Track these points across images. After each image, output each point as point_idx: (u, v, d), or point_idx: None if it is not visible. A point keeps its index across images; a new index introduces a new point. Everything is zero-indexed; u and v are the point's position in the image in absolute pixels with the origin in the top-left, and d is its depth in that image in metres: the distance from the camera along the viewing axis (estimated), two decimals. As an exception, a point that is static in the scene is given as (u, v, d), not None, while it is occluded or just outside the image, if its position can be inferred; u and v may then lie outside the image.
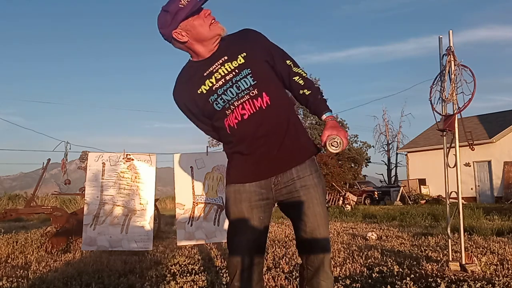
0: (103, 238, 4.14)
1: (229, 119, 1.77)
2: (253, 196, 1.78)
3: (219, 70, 1.77)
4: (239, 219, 1.78)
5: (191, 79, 1.83)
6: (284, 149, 1.78)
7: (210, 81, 1.78)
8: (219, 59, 1.79)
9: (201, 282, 3.27)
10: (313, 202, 1.79)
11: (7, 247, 5.01)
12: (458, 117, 3.67)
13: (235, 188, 1.81)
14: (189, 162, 4.24)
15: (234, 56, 1.78)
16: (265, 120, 1.76)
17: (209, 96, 1.77)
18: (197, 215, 4.16)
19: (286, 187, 1.80)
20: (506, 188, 20.35)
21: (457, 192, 3.64)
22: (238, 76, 1.75)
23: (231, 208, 1.81)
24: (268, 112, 1.76)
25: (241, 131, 1.76)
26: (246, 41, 1.83)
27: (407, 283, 2.99)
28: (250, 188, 1.78)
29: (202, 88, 1.78)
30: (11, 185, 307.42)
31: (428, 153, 22.98)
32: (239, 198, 1.79)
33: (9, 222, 9.44)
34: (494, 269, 3.53)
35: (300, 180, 1.80)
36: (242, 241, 1.77)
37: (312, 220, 1.78)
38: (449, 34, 3.72)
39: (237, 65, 1.77)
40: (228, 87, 1.75)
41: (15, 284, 3.30)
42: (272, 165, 1.78)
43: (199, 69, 1.81)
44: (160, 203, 14.60)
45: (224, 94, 1.76)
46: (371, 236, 5.86)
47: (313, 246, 1.79)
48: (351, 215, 11.36)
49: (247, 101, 1.75)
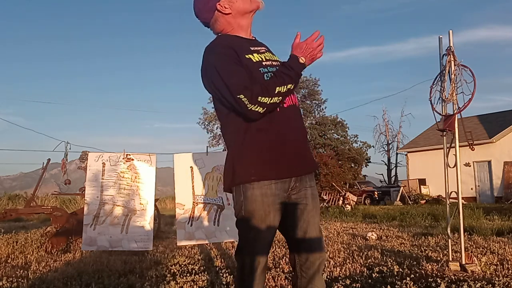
0: (103, 238, 4.14)
1: None
2: (276, 199, 1.72)
3: (265, 53, 1.78)
4: (264, 222, 1.71)
5: (238, 43, 1.75)
6: (302, 156, 1.80)
7: (259, 56, 1.74)
8: (262, 46, 1.81)
9: (201, 282, 3.27)
10: (316, 212, 1.83)
11: (7, 247, 5.01)
12: (458, 117, 3.67)
13: (261, 192, 1.69)
14: (189, 162, 4.24)
15: (272, 52, 1.84)
16: (297, 116, 1.81)
17: (259, 66, 1.71)
18: (197, 215, 4.16)
19: (297, 193, 1.78)
20: (506, 188, 20.35)
21: (457, 192, 3.64)
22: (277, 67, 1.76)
23: (258, 212, 1.70)
24: (299, 109, 1.84)
25: (284, 117, 1.72)
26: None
27: (407, 283, 2.99)
28: (276, 191, 1.71)
29: (250, 56, 1.71)
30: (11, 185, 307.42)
31: (428, 153, 22.98)
32: (267, 202, 1.69)
33: (9, 222, 9.44)
34: (494, 269, 3.53)
35: (311, 188, 1.83)
36: (264, 246, 1.75)
37: (313, 229, 1.79)
38: (449, 34, 3.72)
39: (276, 60, 1.80)
40: (273, 71, 1.72)
41: (15, 284, 3.30)
42: (301, 162, 1.78)
43: (244, 42, 1.78)
44: (160, 203, 14.61)
45: (271, 74, 1.71)
46: (371, 236, 5.86)
47: (311, 254, 1.78)
48: (351, 215, 11.36)
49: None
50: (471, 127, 17.03)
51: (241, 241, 1.79)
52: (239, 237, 1.80)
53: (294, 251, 1.84)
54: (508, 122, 22.02)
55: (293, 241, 1.84)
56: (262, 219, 1.70)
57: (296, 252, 1.83)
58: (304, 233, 1.79)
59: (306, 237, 1.79)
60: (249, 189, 1.70)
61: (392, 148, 33.61)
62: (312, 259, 1.78)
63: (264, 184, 1.70)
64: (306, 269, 1.80)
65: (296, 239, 1.83)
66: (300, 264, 1.81)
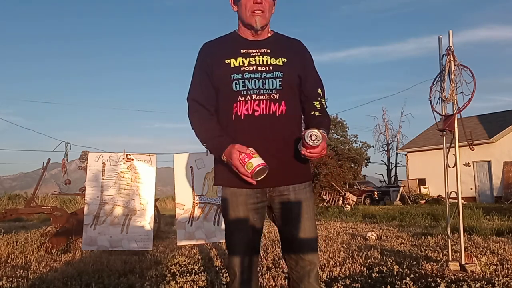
0: (104, 238, 4.14)
1: (239, 106, 1.73)
2: (249, 199, 1.76)
3: (256, 57, 1.78)
4: (236, 221, 1.77)
5: (227, 46, 1.83)
6: (283, 164, 1.76)
7: (242, 60, 1.77)
8: (261, 48, 1.81)
9: (201, 282, 3.27)
10: (304, 216, 1.79)
11: (7, 247, 5.01)
12: (457, 117, 3.67)
13: (231, 191, 1.78)
14: (189, 162, 4.24)
15: (276, 54, 1.80)
16: (276, 127, 1.74)
17: (233, 72, 1.75)
18: (197, 215, 4.16)
19: (280, 196, 1.79)
20: (506, 188, 20.35)
21: (457, 192, 3.64)
22: (270, 74, 1.76)
23: (228, 210, 1.79)
24: (280, 120, 1.74)
25: (246, 126, 1.73)
26: (293, 50, 1.87)
27: (407, 283, 2.99)
28: (247, 192, 1.76)
29: (232, 61, 1.77)
30: (11, 185, 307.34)
31: (428, 153, 22.98)
32: (235, 201, 1.77)
33: (9, 222, 9.43)
34: (494, 269, 3.53)
35: (295, 192, 1.79)
36: (240, 243, 1.77)
37: (300, 233, 1.77)
38: (449, 34, 3.72)
39: (274, 64, 1.78)
40: (255, 77, 1.75)
41: (15, 284, 3.30)
42: (270, 178, 1.71)
43: (238, 43, 1.82)
44: (160, 203, 14.60)
45: (248, 80, 1.74)
46: (371, 236, 5.87)
47: (300, 259, 1.77)
48: (351, 215, 11.37)
49: (265, 101, 1.74)
50: (471, 127, 17.02)
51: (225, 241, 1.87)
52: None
53: (284, 252, 1.86)
54: (508, 122, 22.02)
55: (282, 243, 1.86)
56: (233, 218, 1.78)
57: (286, 254, 1.84)
58: (292, 237, 1.79)
59: (295, 242, 1.79)
60: (223, 189, 1.83)
61: (391, 148, 33.62)
62: (302, 264, 1.77)
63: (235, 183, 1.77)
64: (296, 272, 1.80)
65: (284, 241, 1.84)
66: (290, 267, 1.83)
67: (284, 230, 1.81)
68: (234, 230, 1.79)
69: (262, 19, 1.78)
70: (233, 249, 1.80)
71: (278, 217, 1.82)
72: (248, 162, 1.62)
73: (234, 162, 1.65)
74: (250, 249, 1.79)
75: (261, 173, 1.64)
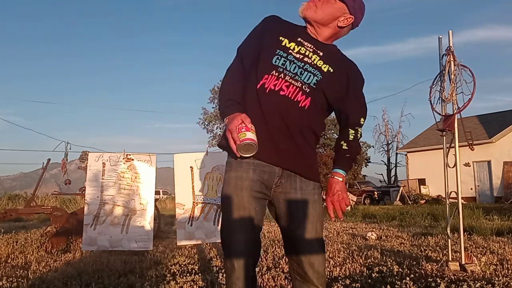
0: (104, 238, 4.15)
1: (269, 78, 1.73)
2: (254, 186, 1.69)
3: (307, 50, 1.78)
4: (238, 208, 1.67)
5: (289, 28, 1.85)
6: (294, 152, 1.74)
7: (293, 45, 1.78)
8: (315, 47, 1.80)
9: (201, 282, 3.27)
10: (309, 218, 1.74)
11: (7, 247, 5.01)
12: (457, 117, 3.67)
13: (237, 174, 1.71)
14: (189, 162, 4.24)
15: (326, 61, 1.79)
16: (293, 115, 1.72)
17: (281, 49, 1.77)
18: (197, 215, 4.17)
19: (285, 193, 1.75)
20: (506, 188, 20.36)
21: (457, 192, 3.64)
22: (311, 68, 1.75)
23: (231, 195, 1.69)
24: (300, 110, 1.73)
25: (266, 99, 1.72)
26: (344, 68, 1.84)
27: (407, 283, 2.99)
28: (253, 177, 1.70)
29: (285, 40, 1.79)
30: (11, 185, 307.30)
31: (428, 153, 22.99)
32: (240, 185, 1.69)
33: (9, 222, 9.43)
34: (494, 269, 3.53)
35: (302, 192, 1.76)
36: (241, 239, 1.66)
37: (304, 235, 1.73)
38: (449, 34, 3.72)
39: (320, 66, 1.77)
40: (297, 63, 1.74)
41: (15, 284, 3.30)
42: (284, 156, 1.72)
43: (300, 33, 1.83)
44: (160, 203, 14.61)
45: (289, 62, 1.74)
46: (371, 236, 5.87)
47: (301, 260, 1.73)
48: (351, 215, 11.36)
49: (295, 87, 1.72)
50: (471, 127, 17.02)
51: (220, 230, 1.76)
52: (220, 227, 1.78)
53: (286, 252, 1.83)
54: (508, 122, 22.03)
55: (285, 243, 1.83)
56: (235, 204, 1.68)
57: (289, 255, 1.81)
58: (295, 238, 1.75)
59: (297, 243, 1.75)
60: (227, 172, 1.76)
61: (391, 148, 33.62)
62: (302, 265, 1.73)
63: (241, 166, 1.71)
64: (299, 274, 1.76)
65: (287, 242, 1.81)
66: (292, 268, 1.79)
67: (287, 229, 1.77)
68: (234, 222, 1.68)
69: (308, 8, 1.78)
70: (233, 248, 1.67)
71: (282, 215, 1.77)
72: (243, 132, 1.61)
73: (231, 126, 1.64)
74: (251, 247, 1.69)
75: (249, 149, 1.62)
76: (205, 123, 30.45)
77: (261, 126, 1.70)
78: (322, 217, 1.81)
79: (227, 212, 1.72)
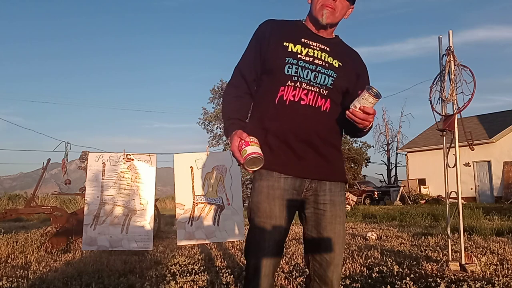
0: (104, 238, 4.14)
1: (286, 90, 1.71)
2: (286, 195, 1.70)
3: (315, 50, 1.77)
4: (270, 217, 1.68)
5: (289, 30, 1.81)
6: (322, 159, 1.74)
7: (301, 48, 1.76)
8: (323, 44, 1.79)
9: (201, 282, 3.27)
10: (336, 220, 1.76)
11: (7, 247, 5.01)
12: (457, 117, 3.67)
13: (268, 183, 1.70)
14: (189, 162, 4.24)
15: (335, 55, 1.78)
16: (316, 120, 1.72)
17: (289, 56, 1.73)
18: (197, 215, 4.16)
19: (315, 195, 1.76)
20: (506, 188, 20.35)
21: (457, 192, 3.64)
22: (324, 69, 1.74)
23: (263, 204, 1.69)
24: (323, 116, 1.73)
25: (289, 111, 1.70)
26: (351, 58, 1.85)
27: (407, 283, 2.99)
28: (285, 186, 1.70)
29: (290, 45, 1.75)
30: (11, 185, 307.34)
31: (428, 153, 22.99)
32: (272, 195, 1.69)
33: (9, 222, 9.44)
34: (494, 269, 3.53)
35: (331, 193, 1.77)
36: (270, 244, 1.68)
37: (330, 236, 1.74)
38: (449, 34, 3.72)
39: (331, 63, 1.76)
40: (309, 68, 1.73)
41: (15, 284, 3.30)
42: (310, 167, 1.72)
43: (301, 32, 1.81)
44: (160, 203, 14.61)
45: (302, 68, 1.72)
46: (371, 236, 5.87)
47: (324, 261, 1.74)
48: (351, 215, 11.37)
49: (313, 93, 1.71)
50: (471, 127, 17.03)
51: (248, 237, 1.76)
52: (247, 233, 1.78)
53: (308, 253, 1.82)
54: (508, 122, 22.03)
55: (308, 243, 1.82)
56: (267, 213, 1.68)
57: (311, 255, 1.80)
58: (321, 240, 1.75)
59: (323, 244, 1.75)
60: (257, 181, 1.73)
61: (392, 148, 33.61)
62: (325, 267, 1.74)
63: (272, 176, 1.71)
64: (319, 276, 1.76)
65: (310, 242, 1.80)
66: (313, 269, 1.78)
67: (314, 231, 1.77)
68: (265, 229, 1.68)
69: (330, 15, 1.75)
70: (261, 250, 1.68)
71: (310, 217, 1.78)
72: (243, 149, 1.61)
73: (232, 148, 1.65)
74: (278, 252, 1.72)
75: (255, 162, 1.62)
76: (205, 123, 30.43)
77: (284, 140, 1.71)
78: (345, 219, 1.83)
79: (258, 220, 1.71)
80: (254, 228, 1.72)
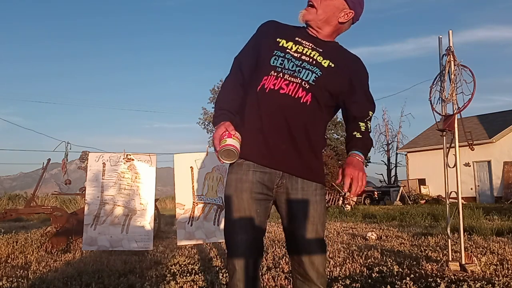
0: (104, 238, 4.15)
1: (268, 79, 1.73)
2: (254, 188, 1.69)
3: (305, 48, 1.78)
4: (239, 210, 1.68)
5: (287, 30, 1.85)
6: (296, 152, 1.72)
7: (291, 44, 1.79)
8: (315, 44, 1.80)
9: (201, 282, 3.27)
10: (310, 219, 1.73)
11: (7, 247, 5.01)
12: (457, 117, 3.67)
13: (237, 177, 1.72)
14: (189, 162, 4.24)
15: (326, 56, 1.78)
16: (295, 111, 1.70)
17: (278, 50, 1.77)
18: (197, 215, 4.16)
19: (286, 193, 1.74)
20: (506, 188, 20.35)
21: (457, 192, 3.64)
22: (309, 65, 1.74)
23: (231, 197, 1.71)
24: (302, 108, 1.71)
25: (266, 99, 1.71)
26: (348, 64, 1.83)
27: (407, 283, 2.99)
28: (253, 179, 1.70)
29: (282, 41, 1.80)
30: (11, 185, 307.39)
31: (428, 153, 22.98)
32: (240, 188, 1.70)
33: (9, 222, 9.44)
34: (494, 269, 3.53)
35: (304, 192, 1.74)
36: (242, 240, 1.67)
37: (304, 236, 1.72)
38: (449, 34, 3.72)
39: (319, 62, 1.76)
40: (294, 62, 1.74)
41: (15, 284, 3.30)
42: (282, 158, 1.71)
43: (297, 32, 1.84)
44: (160, 203, 14.60)
45: (287, 60, 1.74)
46: (371, 236, 5.87)
47: (302, 261, 1.72)
48: (351, 215, 11.37)
49: (295, 84, 1.71)
50: (471, 127, 17.03)
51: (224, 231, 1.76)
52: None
53: (288, 253, 1.82)
54: (508, 122, 22.02)
55: (287, 242, 1.83)
56: (235, 206, 1.69)
57: (290, 255, 1.81)
58: (295, 238, 1.75)
59: (298, 243, 1.74)
60: (228, 174, 1.78)
61: (392, 148, 33.58)
62: (304, 267, 1.72)
63: (240, 169, 1.73)
64: (300, 274, 1.75)
65: (288, 241, 1.81)
66: (294, 268, 1.78)
67: (289, 229, 1.78)
68: (235, 223, 1.69)
69: (306, 13, 1.79)
70: (234, 247, 1.68)
71: (284, 215, 1.78)
72: (224, 138, 1.66)
73: (215, 134, 1.68)
74: (253, 247, 1.69)
75: (229, 154, 1.64)
76: (205, 123, 30.46)
77: (259, 128, 1.71)
78: (323, 218, 1.79)
79: (228, 213, 1.73)
80: (226, 221, 1.74)
